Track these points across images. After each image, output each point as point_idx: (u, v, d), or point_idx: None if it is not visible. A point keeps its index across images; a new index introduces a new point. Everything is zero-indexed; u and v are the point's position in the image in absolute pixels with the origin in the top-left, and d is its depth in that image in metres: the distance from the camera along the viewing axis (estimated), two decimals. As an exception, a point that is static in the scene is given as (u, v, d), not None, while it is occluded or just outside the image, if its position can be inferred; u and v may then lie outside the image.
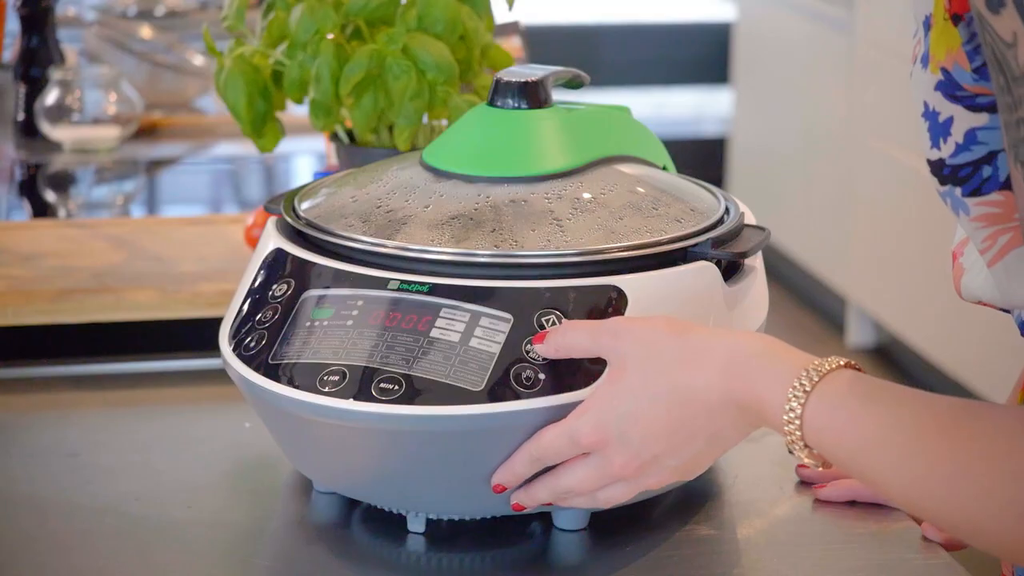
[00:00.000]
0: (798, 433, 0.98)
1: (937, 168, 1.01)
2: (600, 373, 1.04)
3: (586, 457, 1.04)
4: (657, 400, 1.01)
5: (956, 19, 0.94)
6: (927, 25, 1.00)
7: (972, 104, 0.97)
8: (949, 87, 0.98)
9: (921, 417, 0.95)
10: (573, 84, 1.22)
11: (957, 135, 0.99)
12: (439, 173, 1.14)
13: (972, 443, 0.92)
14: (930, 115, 1.00)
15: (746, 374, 0.99)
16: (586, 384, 1.04)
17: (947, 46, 0.96)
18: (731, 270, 1.13)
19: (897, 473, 0.95)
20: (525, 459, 1.04)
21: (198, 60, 2.52)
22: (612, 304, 1.06)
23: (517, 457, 1.05)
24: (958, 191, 1.01)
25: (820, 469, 1.01)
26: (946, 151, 1.00)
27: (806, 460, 1.00)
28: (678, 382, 1.01)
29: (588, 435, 1.02)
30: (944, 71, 0.97)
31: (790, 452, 1.00)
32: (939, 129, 1.00)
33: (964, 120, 0.98)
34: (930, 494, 0.94)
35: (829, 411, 0.97)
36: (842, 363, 0.99)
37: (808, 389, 0.97)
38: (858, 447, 0.96)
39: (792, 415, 0.97)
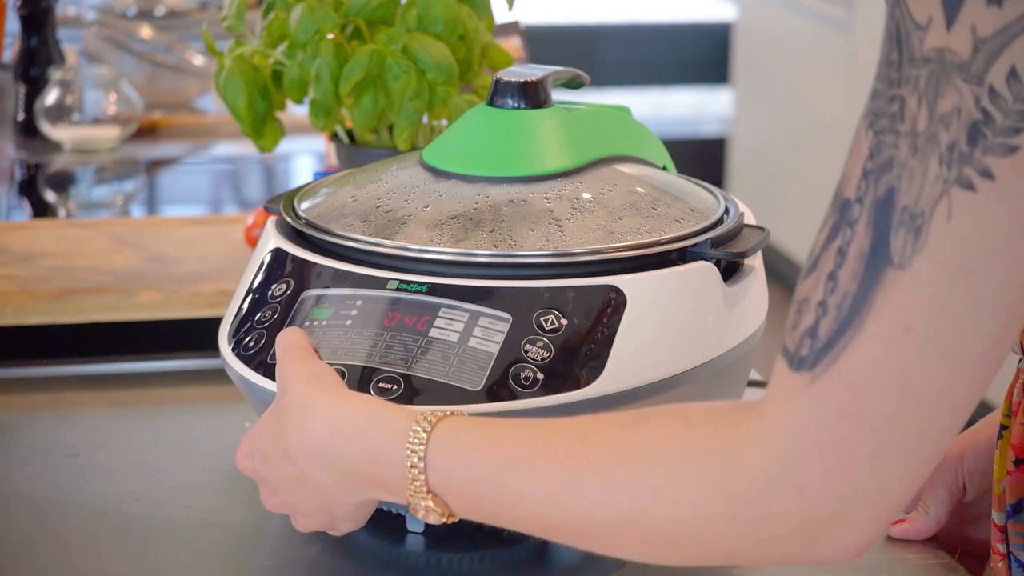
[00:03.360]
0: (422, 478, 0.92)
1: None
2: (599, 374, 1.04)
3: None
4: (277, 442, 0.99)
5: None
6: None
7: None
8: None
9: (562, 423, 0.90)
10: (573, 84, 1.22)
11: None
12: (439, 173, 1.14)
13: (623, 437, 0.87)
14: None
15: (353, 432, 0.95)
16: (585, 384, 1.03)
17: None
18: (731, 270, 1.13)
19: (544, 482, 0.88)
20: None
21: (198, 60, 2.52)
22: (611, 304, 1.06)
23: None
24: None
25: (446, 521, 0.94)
26: None
27: (430, 513, 0.93)
28: (286, 436, 0.98)
29: (239, 461, 1.03)
30: None
31: (410, 508, 0.93)
32: None
33: None
34: (582, 496, 0.86)
35: (452, 443, 0.91)
36: (450, 411, 0.94)
37: (428, 429, 0.92)
38: (493, 469, 0.90)
39: (414, 447, 0.92)
